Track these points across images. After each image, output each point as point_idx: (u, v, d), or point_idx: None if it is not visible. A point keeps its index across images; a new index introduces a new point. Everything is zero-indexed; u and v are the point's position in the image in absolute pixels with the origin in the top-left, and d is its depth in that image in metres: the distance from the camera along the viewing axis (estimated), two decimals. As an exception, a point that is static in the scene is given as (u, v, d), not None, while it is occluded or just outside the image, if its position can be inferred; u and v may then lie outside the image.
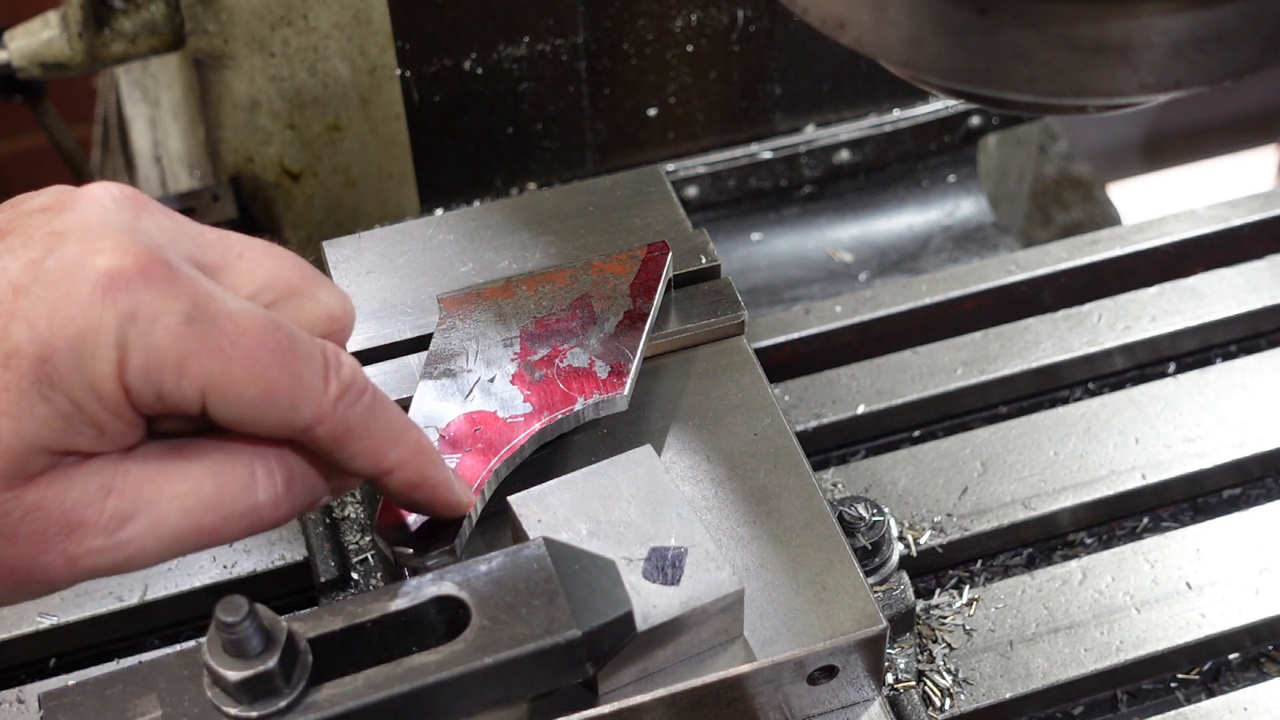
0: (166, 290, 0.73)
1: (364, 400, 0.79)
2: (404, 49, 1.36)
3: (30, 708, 1.02)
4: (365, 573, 1.04)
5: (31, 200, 0.77)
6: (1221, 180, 3.05)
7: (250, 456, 0.78)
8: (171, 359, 0.73)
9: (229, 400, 0.75)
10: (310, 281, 0.82)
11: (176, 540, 0.77)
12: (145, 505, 0.76)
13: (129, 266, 0.72)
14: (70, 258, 0.72)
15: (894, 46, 0.79)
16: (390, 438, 0.81)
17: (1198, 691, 1.05)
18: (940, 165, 1.57)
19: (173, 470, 0.76)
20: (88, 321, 0.71)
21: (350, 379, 0.78)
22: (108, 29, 1.32)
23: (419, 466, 0.83)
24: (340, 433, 0.78)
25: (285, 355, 0.76)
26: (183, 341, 0.73)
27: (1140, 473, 1.12)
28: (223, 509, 0.77)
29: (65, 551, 0.75)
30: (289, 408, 0.76)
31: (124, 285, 0.72)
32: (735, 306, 1.05)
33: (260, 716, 0.76)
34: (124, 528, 0.75)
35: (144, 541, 0.76)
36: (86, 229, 0.74)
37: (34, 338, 0.71)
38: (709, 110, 1.49)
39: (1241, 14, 0.75)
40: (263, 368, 0.75)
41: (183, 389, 0.74)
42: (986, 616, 1.05)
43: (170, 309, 0.73)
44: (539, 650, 0.79)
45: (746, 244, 1.55)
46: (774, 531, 0.94)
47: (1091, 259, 1.27)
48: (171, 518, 0.76)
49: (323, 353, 0.77)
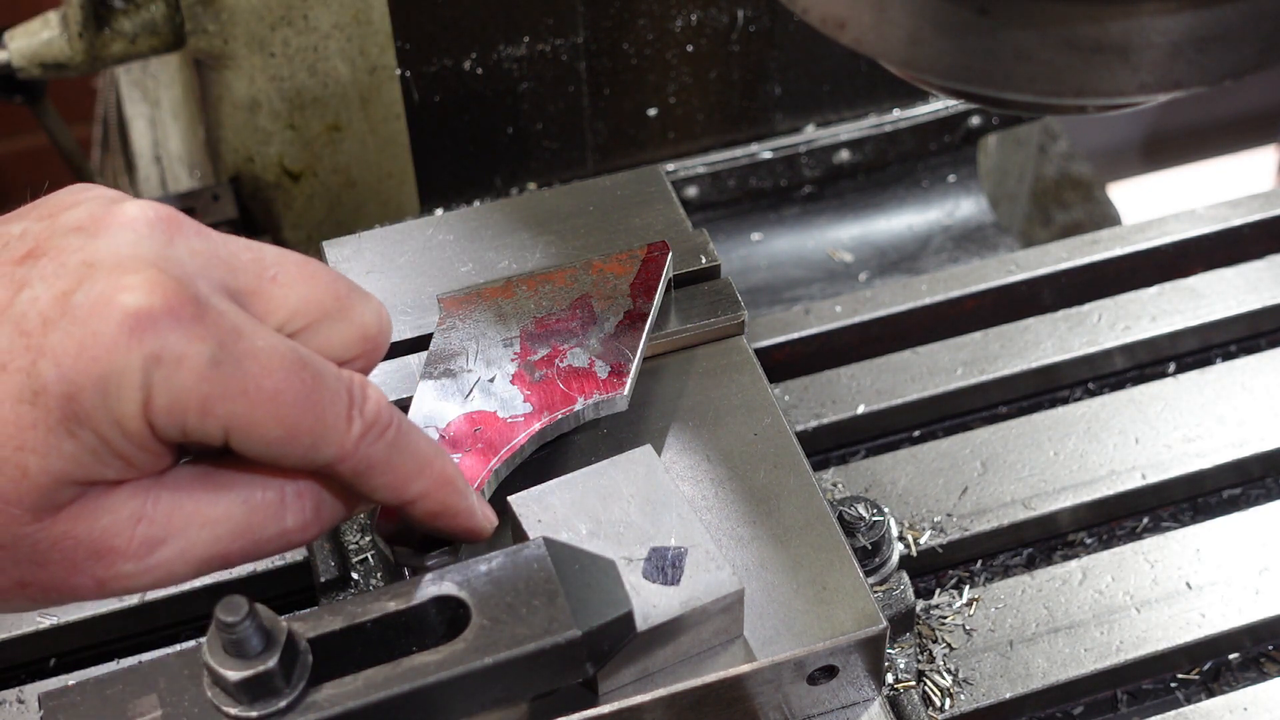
0: (192, 330, 0.73)
1: (387, 436, 0.79)
2: (404, 49, 1.36)
3: (30, 708, 1.02)
4: (365, 573, 1.04)
5: (69, 213, 0.77)
6: (1221, 180, 3.05)
7: (280, 482, 0.79)
8: (195, 400, 0.73)
9: (252, 439, 0.76)
10: (344, 300, 0.82)
11: (206, 564, 0.78)
12: (176, 532, 0.77)
13: (156, 306, 0.73)
14: (98, 294, 0.73)
15: (894, 46, 0.79)
16: (413, 471, 0.81)
17: (1198, 691, 1.05)
18: (940, 165, 1.57)
19: (203, 497, 0.77)
20: (113, 362, 0.72)
21: (374, 417, 0.78)
22: (108, 29, 1.32)
23: (441, 498, 0.83)
24: (362, 469, 0.79)
25: (310, 396, 0.76)
26: (206, 384, 0.73)
27: (1140, 473, 1.12)
28: (252, 535, 0.78)
29: (94, 575, 0.76)
30: (311, 446, 0.77)
31: (150, 326, 0.72)
32: (735, 306, 1.05)
33: (260, 716, 0.76)
34: (153, 553, 0.76)
35: (173, 566, 0.77)
36: (117, 260, 0.74)
37: (61, 376, 0.72)
38: (709, 110, 1.49)
39: (1241, 14, 0.75)
40: (286, 409, 0.75)
41: (206, 428, 0.74)
42: (986, 616, 1.05)
43: (196, 350, 0.73)
44: (539, 650, 0.79)
45: (746, 244, 1.55)
46: (774, 531, 0.94)
47: (1091, 259, 1.27)
48: (202, 544, 0.77)
49: (348, 390, 0.78)
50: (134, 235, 0.76)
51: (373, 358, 0.83)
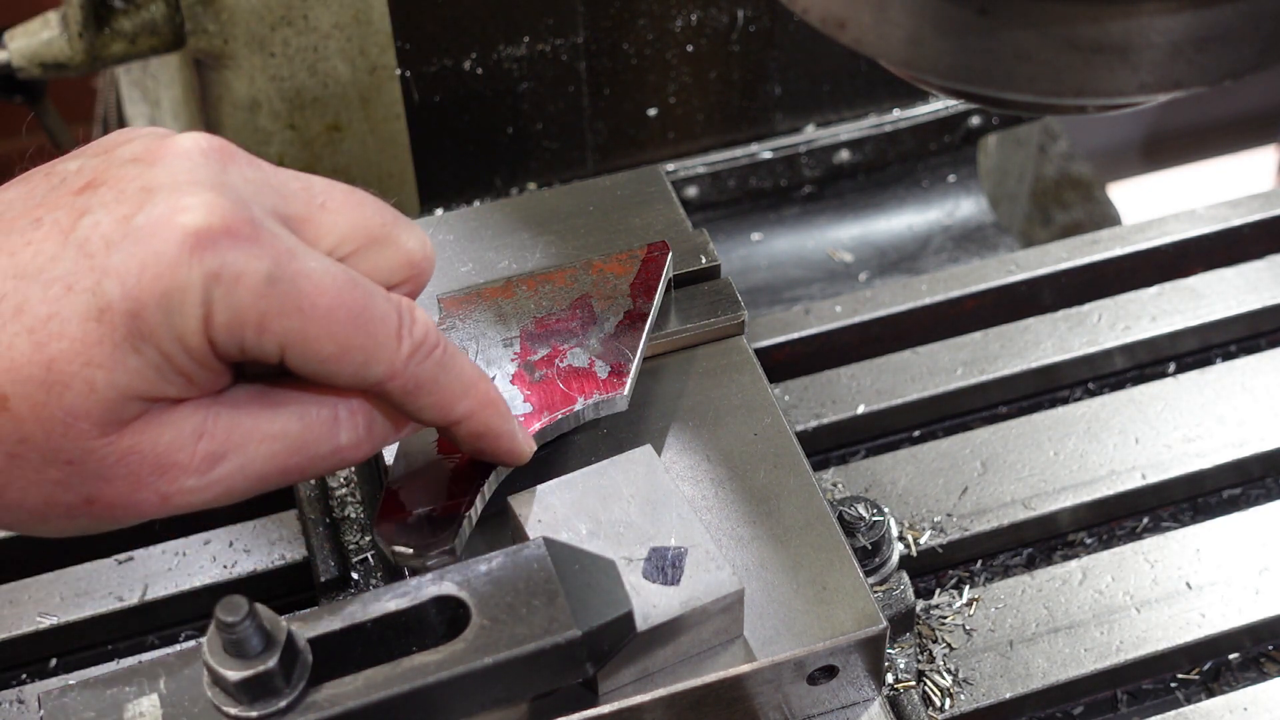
0: (249, 249, 0.76)
1: (435, 356, 0.82)
2: (404, 49, 1.36)
3: (30, 708, 1.02)
4: (365, 573, 1.04)
5: (125, 148, 0.80)
6: (1221, 180, 3.05)
7: (334, 400, 0.82)
8: (253, 317, 0.76)
9: (307, 356, 0.78)
10: (391, 227, 0.85)
11: (264, 479, 0.81)
12: (235, 448, 0.80)
13: (215, 225, 0.76)
14: (159, 215, 0.75)
15: (894, 46, 0.79)
16: (459, 391, 0.84)
17: (1198, 691, 1.05)
18: (940, 165, 1.57)
19: (261, 414, 0.80)
20: (175, 279, 0.75)
21: (422, 336, 0.82)
22: (108, 29, 1.32)
23: (485, 419, 0.86)
24: (411, 388, 0.82)
25: (361, 314, 0.79)
26: (264, 300, 0.76)
27: (1140, 473, 1.12)
28: (308, 450, 0.82)
29: (159, 490, 0.79)
30: (363, 364, 0.80)
31: (210, 244, 0.75)
32: (735, 306, 1.05)
33: (260, 716, 0.76)
34: (214, 468, 0.79)
35: (233, 481, 0.80)
36: (175, 185, 0.77)
37: (125, 294, 0.74)
38: (709, 110, 1.49)
39: (1241, 14, 0.75)
40: (339, 326, 0.78)
41: (263, 345, 0.77)
42: (986, 616, 1.05)
43: (253, 268, 0.76)
44: (539, 650, 0.79)
45: (746, 244, 1.55)
46: (774, 531, 0.94)
47: (1091, 259, 1.27)
48: (260, 459, 0.80)
49: (397, 310, 0.81)
50: (190, 163, 0.79)
51: (418, 283, 0.86)
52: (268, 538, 1.09)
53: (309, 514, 1.08)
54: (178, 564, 1.07)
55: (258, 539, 1.09)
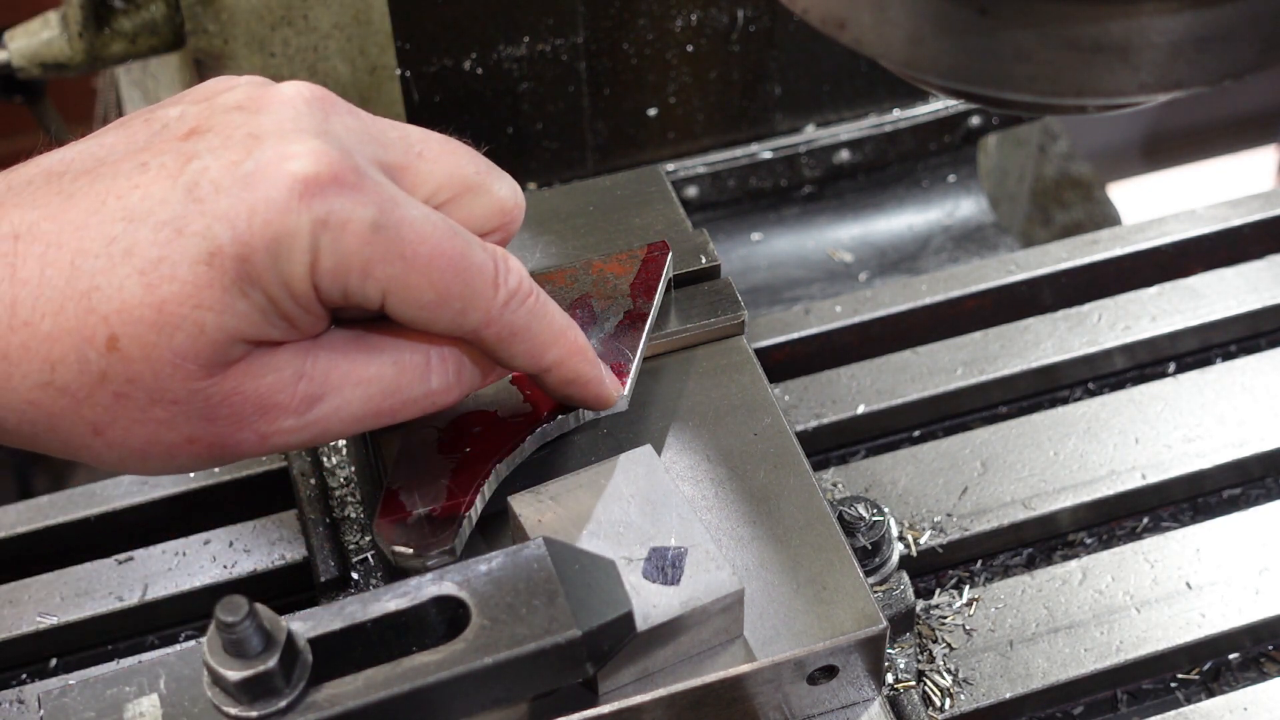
0: (355, 197, 0.78)
1: (528, 304, 0.84)
2: (404, 49, 1.36)
3: (30, 708, 1.02)
4: (365, 573, 1.04)
5: (227, 95, 0.82)
6: (1221, 180, 3.05)
7: (426, 346, 0.84)
8: (358, 263, 0.78)
9: (407, 302, 0.80)
10: (485, 175, 0.88)
11: (358, 421, 0.83)
12: (332, 390, 0.82)
13: (323, 173, 0.77)
14: (268, 161, 0.77)
15: (894, 46, 0.79)
16: (549, 339, 0.86)
17: (1198, 691, 1.05)
18: (940, 165, 1.57)
19: (357, 358, 0.83)
20: (284, 225, 0.76)
21: (517, 285, 0.84)
22: (108, 29, 1.32)
23: (574, 365, 0.89)
24: (505, 335, 0.84)
25: (459, 263, 0.81)
26: (369, 247, 0.78)
27: (1140, 473, 1.12)
28: (401, 394, 0.84)
29: (259, 430, 0.81)
30: (461, 311, 0.82)
31: (318, 191, 0.77)
32: (735, 306, 1.05)
33: (260, 716, 0.76)
34: (312, 409, 0.82)
35: (329, 422, 0.82)
36: (281, 132, 0.78)
37: (235, 238, 0.76)
38: (709, 110, 1.49)
39: (1241, 14, 0.75)
40: (439, 274, 0.80)
41: (366, 290, 0.79)
42: (986, 616, 1.05)
43: (359, 215, 0.78)
44: (539, 650, 0.79)
45: (746, 244, 1.55)
46: (774, 531, 0.94)
47: (1091, 259, 1.27)
48: (355, 401, 0.83)
49: (493, 259, 0.83)
50: (294, 111, 0.80)
51: (509, 230, 0.89)
52: (268, 538, 1.09)
53: (309, 514, 1.08)
54: (178, 564, 1.07)
55: (258, 539, 1.09)
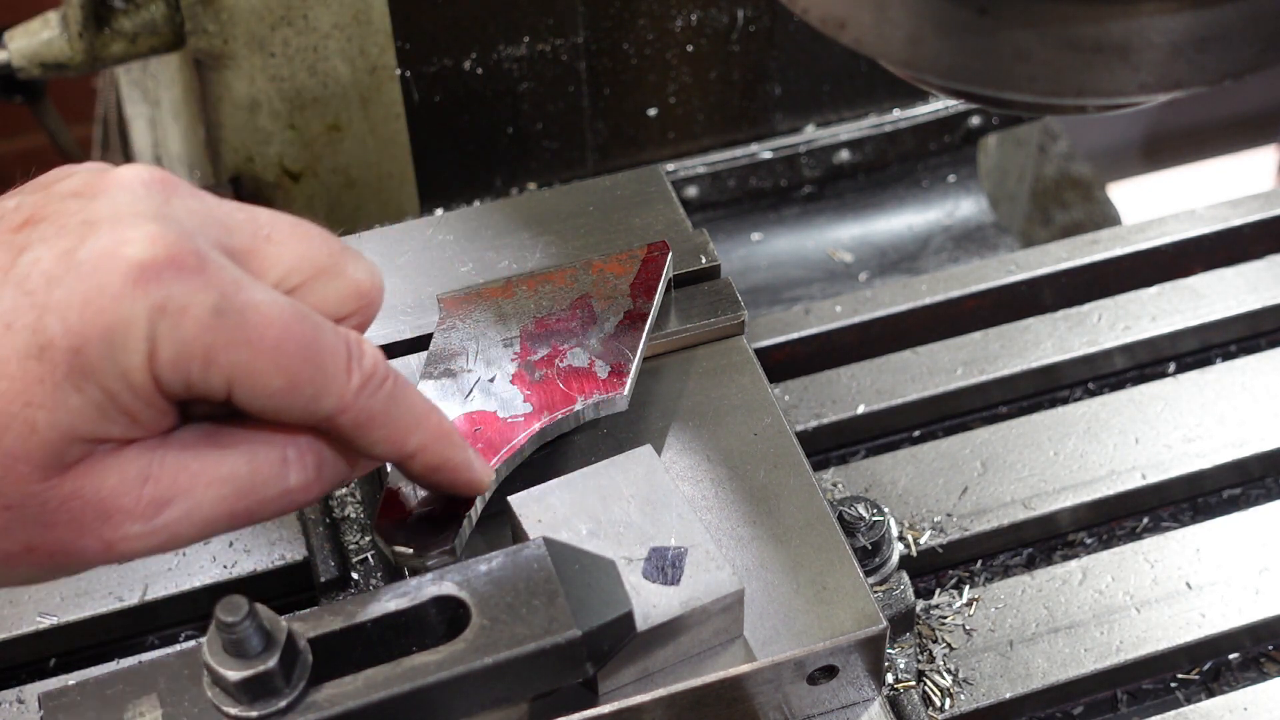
0: (196, 282, 0.74)
1: (385, 388, 0.80)
2: (404, 49, 1.36)
3: (30, 708, 1.02)
4: (365, 573, 1.04)
5: (64, 183, 0.78)
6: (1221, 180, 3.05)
7: (283, 442, 0.80)
8: (199, 350, 0.74)
9: (255, 391, 0.76)
10: (338, 258, 0.82)
11: (211, 524, 0.79)
12: (182, 492, 0.77)
13: (159, 258, 0.74)
14: (102, 249, 0.73)
15: (894, 46, 0.79)
16: (410, 424, 0.82)
17: (1198, 691, 1.05)
18: (940, 165, 1.57)
19: (208, 457, 0.78)
20: (119, 313, 0.73)
21: (372, 369, 0.80)
22: (108, 29, 1.32)
23: (439, 450, 0.84)
24: (362, 421, 0.80)
25: (309, 347, 0.77)
26: (210, 333, 0.74)
27: (1140, 473, 1.12)
28: (256, 494, 0.79)
29: (103, 537, 0.76)
30: (313, 398, 0.78)
31: (154, 277, 0.73)
32: (735, 306, 1.05)
33: (260, 716, 0.76)
34: (160, 514, 0.77)
35: (180, 527, 0.77)
36: (117, 217, 0.75)
37: (67, 330, 0.72)
38: (709, 110, 1.49)
39: (1241, 14, 0.75)
40: (288, 359, 0.76)
41: (210, 379, 0.75)
42: (986, 616, 1.05)
43: (199, 301, 0.74)
44: (539, 650, 0.79)
45: (746, 244, 1.55)
46: (774, 531, 0.94)
47: (1091, 259, 1.27)
48: (207, 503, 0.78)
49: (346, 343, 0.79)
50: (131, 195, 0.77)
51: (367, 315, 0.84)
52: (268, 538, 1.09)
53: (309, 514, 1.08)
54: (178, 564, 1.07)
55: (258, 539, 1.09)
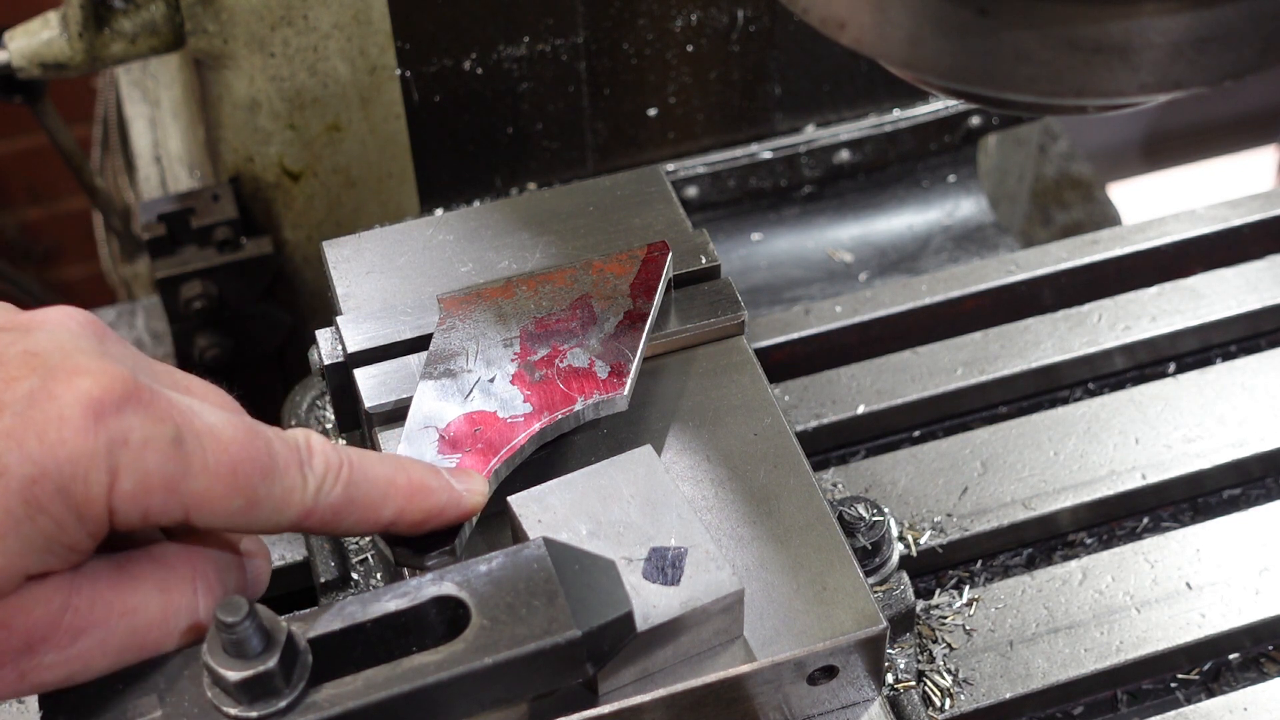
0: (153, 413, 0.74)
1: (342, 478, 0.81)
2: (404, 49, 1.36)
3: (30, 708, 1.02)
4: (365, 573, 1.04)
5: None
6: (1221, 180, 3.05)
7: (192, 574, 0.80)
8: (160, 481, 0.74)
9: (214, 514, 0.77)
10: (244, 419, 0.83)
11: (122, 653, 0.78)
12: (97, 623, 0.77)
13: (116, 392, 0.74)
14: (57, 382, 0.73)
15: (894, 47, 0.79)
16: (377, 499, 0.83)
17: (1198, 691, 1.05)
18: (940, 165, 1.57)
19: (121, 586, 0.78)
20: (80, 446, 0.72)
21: (324, 467, 0.81)
22: (108, 29, 1.32)
23: (417, 508, 0.85)
24: (329, 518, 0.81)
25: (265, 465, 0.78)
26: (171, 463, 0.74)
27: (1140, 473, 1.12)
28: (167, 625, 0.79)
29: (19, 667, 0.76)
30: (274, 510, 0.79)
31: (114, 411, 0.73)
32: (735, 306, 1.05)
33: (260, 716, 0.76)
34: (75, 643, 0.76)
35: (92, 656, 0.77)
36: (63, 351, 0.75)
37: (24, 458, 0.72)
38: (709, 110, 1.49)
39: (1241, 14, 0.75)
40: (245, 479, 0.77)
41: (169, 508, 0.76)
42: (986, 616, 1.05)
43: (159, 432, 0.74)
44: (539, 650, 0.79)
45: (746, 244, 1.55)
46: (774, 531, 0.94)
47: (1091, 259, 1.27)
48: (121, 633, 0.78)
49: (296, 449, 0.80)
50: (69, 331, 0.77)
51: None
52: (268, 538, 1.09)
53: (309, 514, 1.08)
54: (178, 564, 1.07)
55: (258, 539, 1.09)
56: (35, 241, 2.80)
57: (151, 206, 1.43)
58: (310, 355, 1.05)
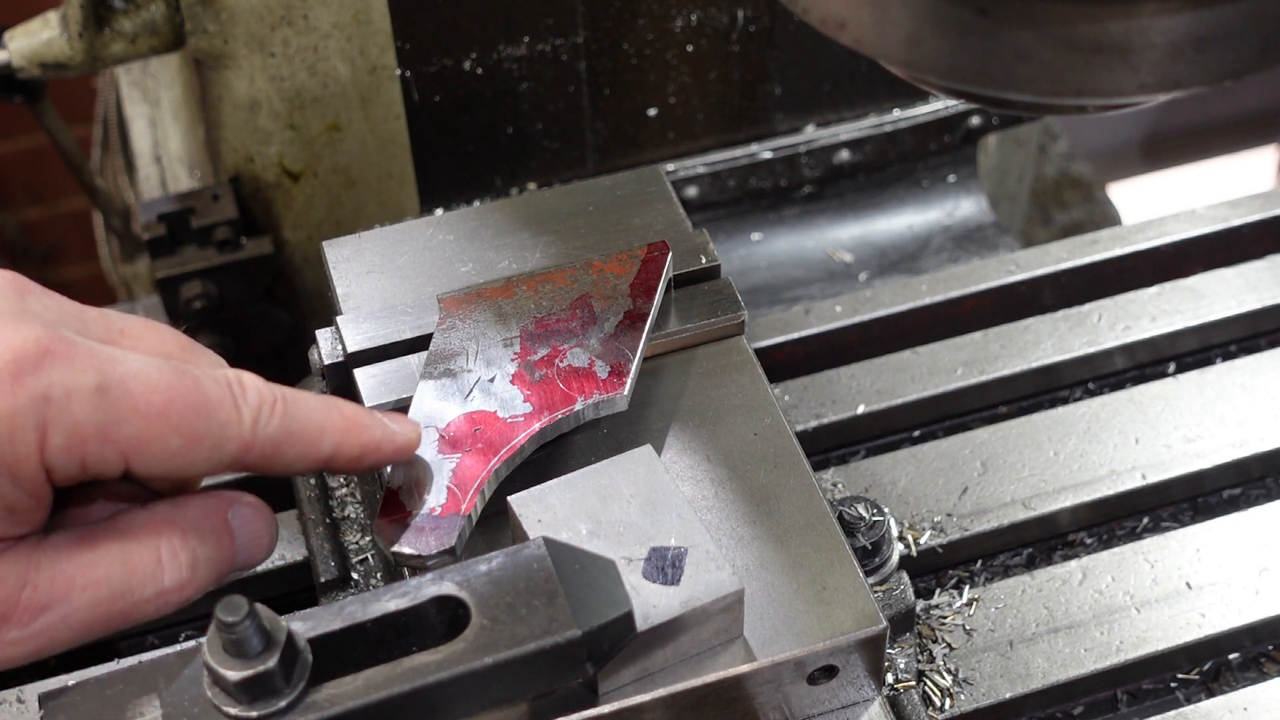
0: (73, 364, 0.75)
1: (278, 412, 0.81)
2: (404, 49, 1.36)
3: (30, 708, 1.02)
4: (365, 573, 1.04)
5: None
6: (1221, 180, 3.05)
7: (156, 543, 0.80)
8: (92, 430, 0.75)
9: (154, 456, 0.77)
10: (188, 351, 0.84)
11: (87, 627, 0.79)
12: (59, 597, 0.77)
13: (30, 350, 0.74)
14: None
15: (894, 46, 0.79)
16: (315, 432, 0.83)
17: (1198, 691, 1.05)
18: (940, 165, 1.57)
19: (83, 559, 0.78)
20: (2, 408, 0.73)
21: (258, 400, 0.81)
22: (108, 29, 1.32)
23: (354, 442, 0.85)
24: (269, 452, 0.81)
25: (197, 401, 0.78)
26: (100, 411, 0.75)
27: (1140, 473, 1.12)
28: (131, 596, 0.79)
29: None
30: (213, 447, 0.79)
31: (31, 368, 0.74)
32: (735, 306, 1.05)
33: (260, 716, 0.76)
34: (37, 619, 0.77)
35: (56, 631, 0.78)
36: None
37: None
38: (709, 110, 1.49)
39: (1241, 14, 0.75)
40: (179, 418, 0.77)
41: (106, 456, 0.76)
42: (986, 616, 1.05)
43: (81, 382, 0.74)
44: (539, 650, 0.79)
45: (746, 244, 1.55)
46: (774, 531, 0.94)
47: (1091, 259, 1.27)
48: (84, 607, 0.78)
49: (227, 384, 0.80)
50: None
51: None
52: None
53: (309, 514, 1.08)
54: (178, 564, 1.07)
55: (258, 539, 1.09)
56: (35, 241, 2.80)
57: (151, 206, 1.44)
58: (310, 355, 1.05)
